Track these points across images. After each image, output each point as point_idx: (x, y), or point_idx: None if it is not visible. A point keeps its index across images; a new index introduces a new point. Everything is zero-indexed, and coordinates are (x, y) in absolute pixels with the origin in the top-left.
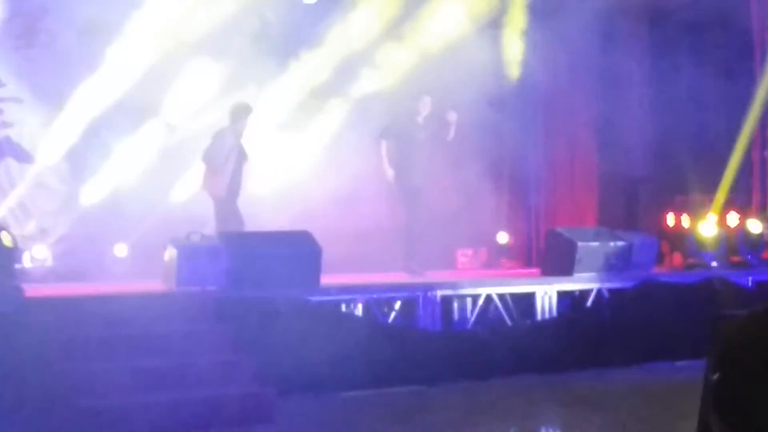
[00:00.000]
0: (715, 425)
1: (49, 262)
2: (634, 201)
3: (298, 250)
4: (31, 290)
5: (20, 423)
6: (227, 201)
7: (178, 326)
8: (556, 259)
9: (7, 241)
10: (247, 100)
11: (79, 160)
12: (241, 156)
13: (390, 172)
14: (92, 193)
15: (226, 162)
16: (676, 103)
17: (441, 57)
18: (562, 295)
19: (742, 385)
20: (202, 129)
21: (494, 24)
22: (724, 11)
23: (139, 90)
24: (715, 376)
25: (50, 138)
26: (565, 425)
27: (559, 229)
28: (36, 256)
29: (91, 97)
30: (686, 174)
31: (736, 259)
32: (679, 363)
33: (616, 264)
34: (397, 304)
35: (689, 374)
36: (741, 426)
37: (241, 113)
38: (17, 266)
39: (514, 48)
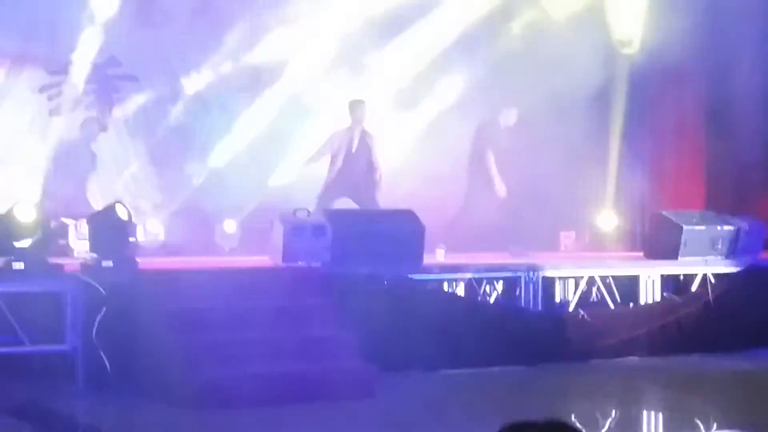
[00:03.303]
0: None
1: (162, 237)
2: (743, 186)
3: (401, 228)
4: (144, 263)
5: (130, 392)
6: None
7: (284, 301)
8: (661, 242)
9: (123, 214)
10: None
11: (191, 137)
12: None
13: (503, 189)
14: (203, 170)
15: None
16: None
17: (553, 33)
18: (667, 279)
19: None
20: (310, 106)
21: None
22: None
23: (250, 69)
24: None
25: (164, 114)
26: (665, 408)
27: (664, 213)
28: (150, 230)
29: (204, 75)
30: None
31: None
32: None
33: (722, 249)
34: (500, 284)
35: None
36: None
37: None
38: (132, 239)
39: (624, 26)
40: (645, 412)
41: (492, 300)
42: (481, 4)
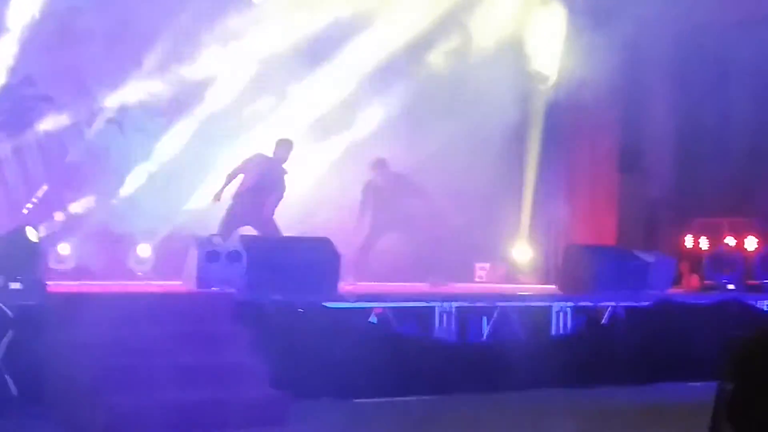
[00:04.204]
0: None
1: (73, 260)
2: (653, 221)
3: (317, 256)
4: (53, 286)
5: (39, 416)
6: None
7: (196, 327)
8: (574, 275)
9: (32, 236)
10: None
11: (106, 159)
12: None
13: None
14: (117, 192)
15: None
16: (700, 124)
17: (473, 65)
18: (578, 312)
19: (756, 394)
20: (229, 130)
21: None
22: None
23: (168, 91)
24: (730, 387)
25: (79, 136)
26: None
27: (577, 246)
28: (60, 253)
29: (121, 96)
30: (706, 196)
31: (753, 282)
32: (692, 384)
33: (632, 283)
34: (414, 314)
35: (702, 395)
36: None
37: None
38: (41, 262)
39: (542, 61)
40: None
41: (406, 329)
42: (402, 33)
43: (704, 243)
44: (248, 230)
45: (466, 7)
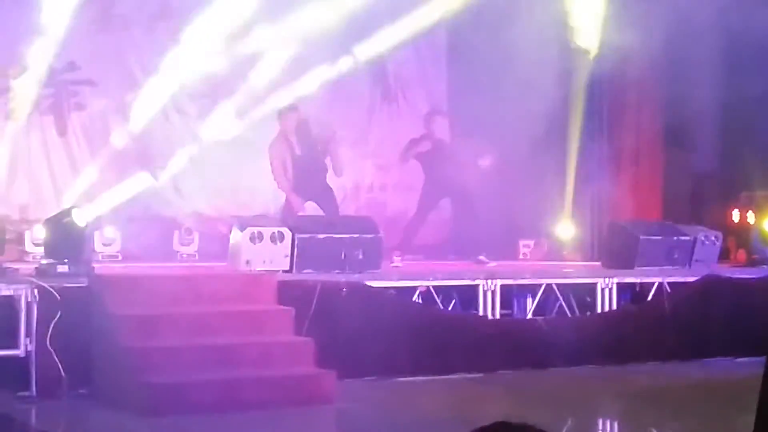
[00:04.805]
0: None
1: (119, 243)
2: (699, 196)
3: (359, 235)
4: (100, 269)
5: (85, 398)
6: None
7: (242, 306)
8: (618, 252)
9: (79, 219)
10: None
11: (149, 142)
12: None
13: None
14: (161, 176)
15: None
16: (746, 99)
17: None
18: (623, 288)
19: None
20: (271, 112)
21: None
22: None
23: (209, 77)
24: None
25: (122, 119)
26: (620, 417)
27: (621, 222)
28: (106, 236)
29: (162, 81)
30: (753, 170)
31: None
32: (739, 360)
33: (678, 258)
34: (458, 292)
35: (749, 371)
36: None
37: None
38: (88, 244)
39: (584, 34)
40: (601, 421)
41: (450, 307)
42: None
43: (751, 217)
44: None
45: None
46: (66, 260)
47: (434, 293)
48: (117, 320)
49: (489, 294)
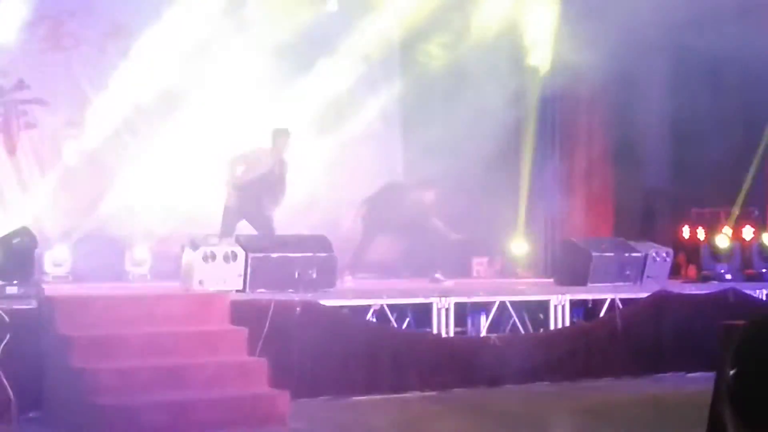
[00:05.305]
0: (729, 420)
1: (70, 263)
2: (650, 212)
3: (313, 254)
4: (50, 290)
5: (34, 421)
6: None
7: (195, 327)
8: (571, 269)
9: (29, 240)
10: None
11: (101, 163)
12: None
13: None
14: (113, 195)
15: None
16: (695, 116)
17: (468, 56)
18: (576, 305)
19: (758, 379)
20: (223, 130)
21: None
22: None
23: (162, 94)
24: (732, 372)
25: (73, 140)
26: None
27: (574, 240)
28: (56, 256)
29: (113, 100)
30: (702, 187)
31: (750, 271)
32: (690, 375)
33: (630, 275)
34: (411, 310)
35: (700, 385)
36: (756, 418)
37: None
38: (38, 266)
39: (538, 49)
40: None
41: (404, 326)
42: (397, 27)
43: (701, 233)
44: (245, 225)
45: None
46: (15, 281)
47: (388, 311)
48: (67, 342)
49: (443, 312)
